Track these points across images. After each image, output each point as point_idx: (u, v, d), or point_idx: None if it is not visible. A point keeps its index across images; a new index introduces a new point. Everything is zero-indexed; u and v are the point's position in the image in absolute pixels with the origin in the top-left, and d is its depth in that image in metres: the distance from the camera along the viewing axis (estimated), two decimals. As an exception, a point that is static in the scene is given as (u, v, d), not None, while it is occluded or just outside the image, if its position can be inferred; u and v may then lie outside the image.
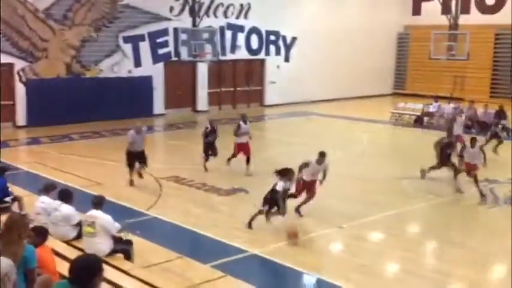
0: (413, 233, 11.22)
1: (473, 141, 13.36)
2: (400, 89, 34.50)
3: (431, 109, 24.10)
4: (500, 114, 21.91)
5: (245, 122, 14.57)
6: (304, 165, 11.24)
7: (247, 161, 14.30)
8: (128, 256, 7.95)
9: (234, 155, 14.49)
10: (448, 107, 23.95)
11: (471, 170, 12.99)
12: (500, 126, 21.45)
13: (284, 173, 10.17)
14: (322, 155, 11.33)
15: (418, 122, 23.81)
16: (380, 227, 11.10)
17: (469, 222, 11.70)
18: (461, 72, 31.26)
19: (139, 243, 8.56)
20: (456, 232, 10.86)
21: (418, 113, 24.15)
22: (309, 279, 8.59)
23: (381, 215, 11.64)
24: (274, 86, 28.22)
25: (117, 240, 7.99)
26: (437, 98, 25.13)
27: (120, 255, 7.91)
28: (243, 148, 14.33)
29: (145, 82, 23.70)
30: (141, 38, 23.74)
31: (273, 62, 28.49)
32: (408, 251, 9.69)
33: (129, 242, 8.08)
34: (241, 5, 26.96)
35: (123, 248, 7.93)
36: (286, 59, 29.13)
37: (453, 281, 8.62)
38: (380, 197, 12.93)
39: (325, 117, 25.55)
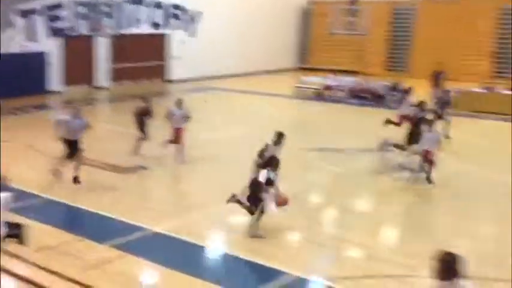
0: (315, 202, 11.50)
1: (430, 123, 12.37)
2: (305, 63, 35.17)
3: (330, 82, 24.76)
4: (394, 87, 23.02)
5: (180, 108, 13.48)
6: (264, 150, 10.25)
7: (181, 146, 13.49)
8: (21, 240, 7.58)
9: (174, 141, 13.40)
10: (347, 80, 24.75)
11: (427, 156, 11.92)
12: (394, 98, 22.54)
13: (268, 162, 9.34)
14: (280, 136, 10.47)
15: (320, 95, 24.42)
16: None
17: (366, 191, 12.15)
18: (360, 46, 32.33)
19: (33, 227, 8.18)
20: (354, 200, 11.29)
21: (319, 87, 24.75)
22: (210, 252, 8.62)
23: (284, 186, 11.82)
24: (179, 61, 27.81)
25: (8, 224, 7.58)
26: (335, 72, 25.86)
27: (12, 240, 7.52)
28: (177, 133, 13.37)
29: (40, 58, 22.52)
30: (36, 11, 22.48)
31: (177, 37, 28.02)
32: (309, 220, 9.93)
33: (21, 226, 7.69)
34: (144, -22, 26.26)
35: (14, 232, 7.53)
36: (192, 34, 28.74)
37: (349, 246, 8.94)
38: (283, 168, 13.12)
39: (230, 92, 25.57)
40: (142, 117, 13.74)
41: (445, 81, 21.62)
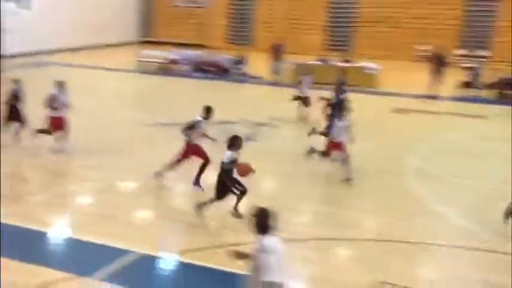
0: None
1: (341, 112, 11.08)
2: (148, 36, 34.51)
3: (174, 56, 24.61)
4: (240, 60, 23.54)
5: (62, 91, 12.02)
6: (192, 126, 9.88)
7: (63, 135, 12.07)
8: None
9: (48, 131, 11.96)
10: (191, 54, 24.76)
11: (337, 149, 10.82)
12: (238, 71, 23.07)
13: (232, 142, 8.77)
14: (209, 110, 9.94)
15: (163, 69, 24.17)
16: (127, 175, 11.08)
17: (214, 163, 12.28)
18: (203, 19, 32.41)
19: None
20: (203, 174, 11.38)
21: (163, 60, 24.49)
22: (52, 237, 8.23)
23: (131, 162, 11.61)
24: (12, 35, 25.73)
25: None
26: (178, 45, 25.75)
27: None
28: (57, 123, 11.94)
29: None
30: None
31: (9, 9, 25.84)
32: (159, 198, 9.85)
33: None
34: None
35: None
36: (24, 6, 26.68)
37: (200, 219, 9.05)
38: (125, 144, 12.89)
39: (69, 66, 24.31)
40: (15, 102, 12.17)
41: (284, 54, 22.48)
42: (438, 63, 19.73)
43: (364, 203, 9.90)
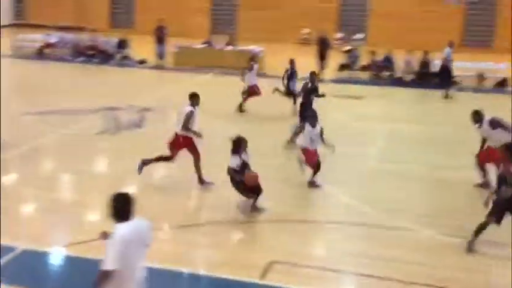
0: (44, 168, 10.81)
1: (314, 119, 10.02)
2: (20, 19, 32.44)
3: (51, 39, 23.35)
4: (121, 43, 22.78)
5: None
6: (188, 120, 9.15)
7: None
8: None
9: None
10: (70, 37, 23.63)
11: (312, 158, 9.84)
12: (121, 55, 22.39)
13: (237, 145, 8.35)
14: (195, 97, 9.30)
15: (40, 53, 22.86)
16: (9, 168, 10.39)
17: (97, 151, 11.85)
18: (82, 1, 31.06)
19: None
20: (86, 162, 10.93)
21: (40, 44, 23.15)
22: None
23: (7, 154, 10.91)
24: None
25: None
26: (57, 28, 24.51)
27: None
28: None
29: None
30: None
31: None
32: (41, 189, 9.34)
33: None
34: None
35: None
36: None
37: (86, 210, 8.74)
38: (5, 135, 12.03)
39: None
40: None
41: (168, 37, 22.07)
42: (323, 46, 20.31)
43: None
